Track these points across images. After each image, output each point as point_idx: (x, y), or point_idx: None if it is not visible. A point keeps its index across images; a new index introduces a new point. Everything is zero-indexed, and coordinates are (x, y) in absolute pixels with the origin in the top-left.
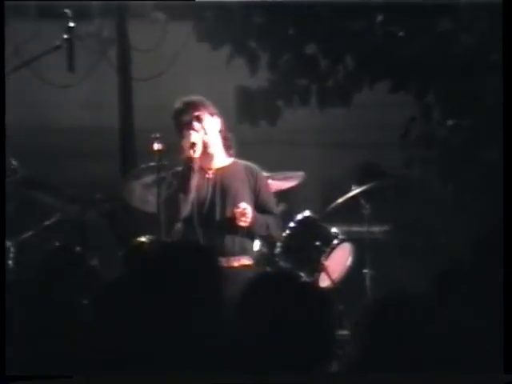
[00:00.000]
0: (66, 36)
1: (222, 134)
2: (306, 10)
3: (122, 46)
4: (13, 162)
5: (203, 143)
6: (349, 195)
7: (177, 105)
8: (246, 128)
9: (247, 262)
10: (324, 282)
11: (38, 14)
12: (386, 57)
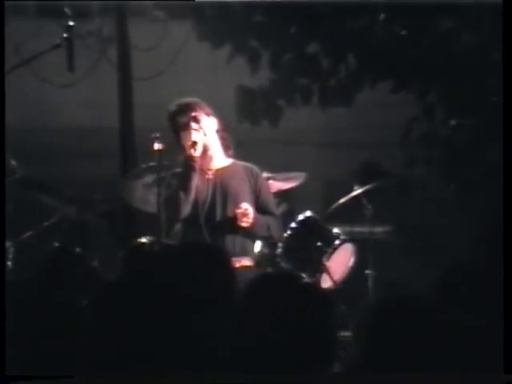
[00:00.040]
0: (65, 35)
1: (219, 134)
2: (307, 8)
3: (122, 44)
4: (12, 161)
5: (202, 143)
6: (351, 195)
7: (172, 107)
8: (247, 128)
9: (248, 262)
10: (326, 282)
11: (37, 13)
12: (387, 56)
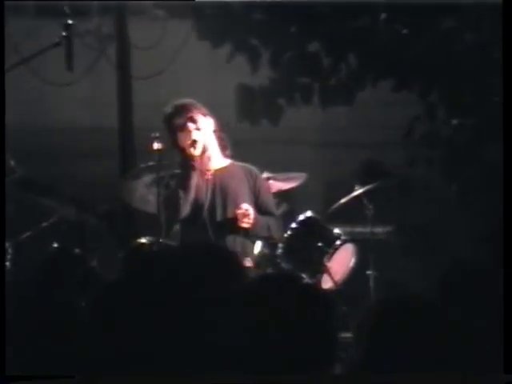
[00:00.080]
0: (64, 33)
1: (216, 135)
2: (308, 7)
3: (121, 43)
4: (10, 161)
5: (202, 143)
6: (352, 195)
7: (168, 108)
8: (246, 127)
9: (248, 263)
10: (326, 283)
11: (36, 12)
12: (389, 55)
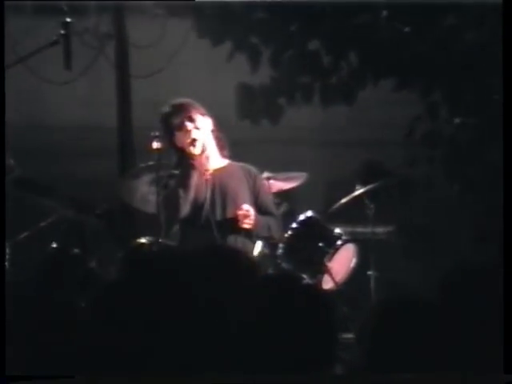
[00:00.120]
0: (62, 32)
1: (214, 134)
2: (308, 5)
3: (120, 42)
4: (9, 160)
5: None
6: (352, 195)
7: (165, 108)
8: (247, 126)
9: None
10: (327, 284)
11: (34, 10)
12: (390, 54)
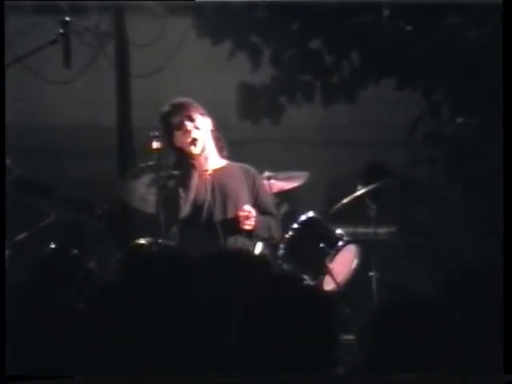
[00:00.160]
0: (62, 30)
1: (213, 135)
2: (310, 3)
3: (120, 41)
4: (7, 161)
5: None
6: (354, 195)
7: (165, 107)
8: (247, 126)
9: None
10: (328, 285)
11: (33, 9)
12: (392, 53)
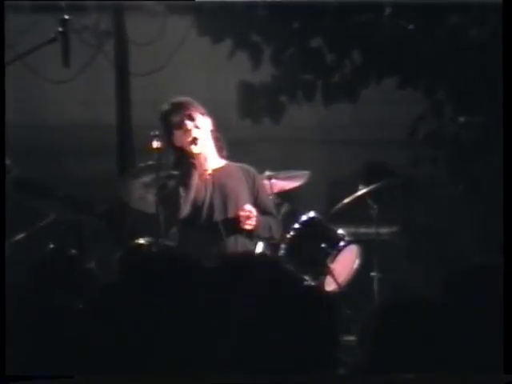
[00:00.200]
0: (61, 29)
1: (212, 135)
2: (311, 2)
3: (119, 39)
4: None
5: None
6: (355, 195)
7: (165, 106)
8: (248, 125)
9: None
10: (330, 285)
11: (32, 7)
12: (394, 51)
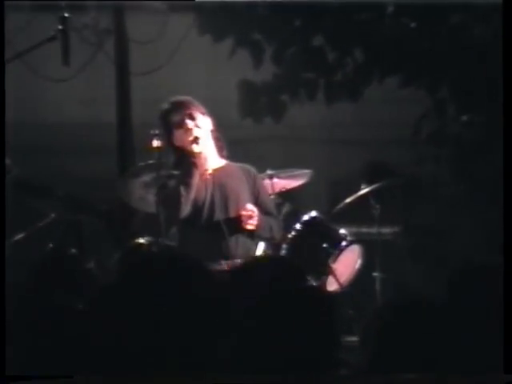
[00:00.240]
0: (60, 27)
1: (213, 134)
2: (312, 1)
3: (119, 38)
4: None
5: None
6: (358, 195)
7: (165, 105)
8: (249, 124)
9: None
10: (331, 285)
11: (32, 6)
12: (396, 50)
